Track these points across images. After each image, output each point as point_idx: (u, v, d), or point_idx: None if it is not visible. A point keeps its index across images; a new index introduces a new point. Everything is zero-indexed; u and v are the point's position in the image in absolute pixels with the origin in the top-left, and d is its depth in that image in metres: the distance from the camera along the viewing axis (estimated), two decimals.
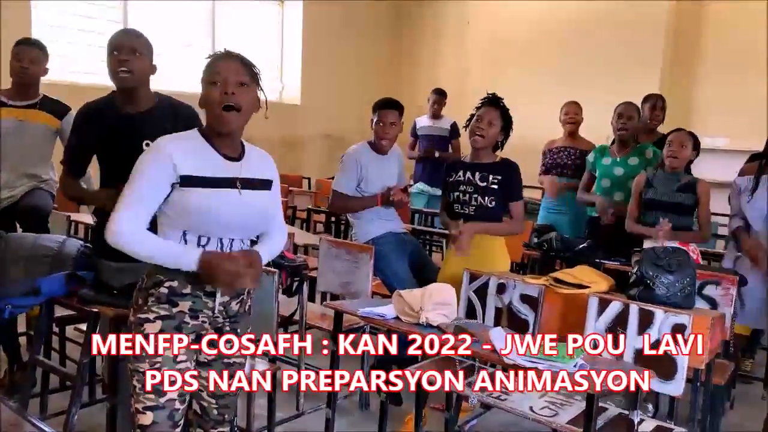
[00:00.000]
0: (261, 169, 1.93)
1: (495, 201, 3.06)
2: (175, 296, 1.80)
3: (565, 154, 4.70)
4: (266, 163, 1.97)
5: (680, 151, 3.47)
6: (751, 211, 3.13)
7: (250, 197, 1.85)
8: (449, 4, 9.26)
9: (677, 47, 7.65)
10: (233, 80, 1.78)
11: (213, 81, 1.78)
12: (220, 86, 1.77)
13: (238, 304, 1.93)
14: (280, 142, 8.37)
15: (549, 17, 8.25)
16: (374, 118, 3.55)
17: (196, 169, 1.78)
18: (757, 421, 3.37)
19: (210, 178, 1.79)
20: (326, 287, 3.64)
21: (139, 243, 1.75)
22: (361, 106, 8.98)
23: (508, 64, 8.48)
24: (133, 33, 2.48)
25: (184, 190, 1.76)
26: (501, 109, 3.12)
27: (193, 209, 1.76)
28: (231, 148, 1.86)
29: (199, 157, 1.80)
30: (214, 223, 1.79)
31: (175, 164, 1.75)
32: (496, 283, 2.77)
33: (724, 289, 2.91)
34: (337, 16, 8.91)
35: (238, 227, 1.85)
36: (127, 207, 1.75)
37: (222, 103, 1.77)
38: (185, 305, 1.81)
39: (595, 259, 3.56)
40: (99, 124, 2.48)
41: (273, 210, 1.97)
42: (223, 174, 1.82)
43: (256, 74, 1.86)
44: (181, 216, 1.77)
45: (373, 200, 3.52)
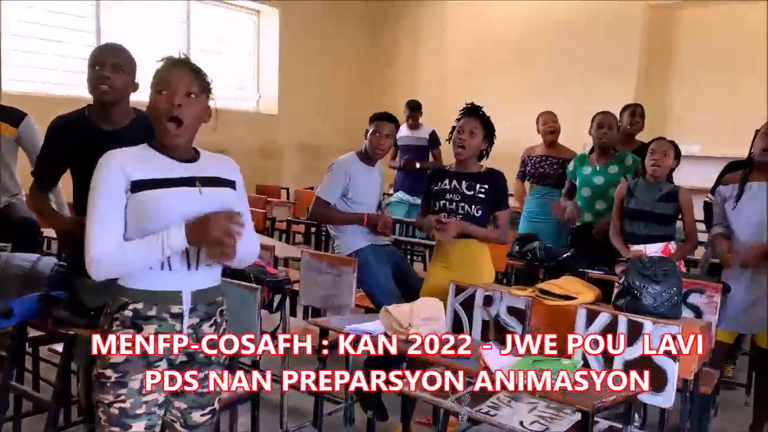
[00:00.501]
0: (221, 170, 1.85)
1: (481, 210, 3.04)
2: (139, 319, 1.70)
3: (546, 164, 4.72)
4: (227, 166, 1.89)
5: (663, 160, 3.48)
6: (736, 219, 3.14)
7: (213, 194, 1.77)
8: (426, 11, 9.29)
9: (651, 55, 7.76)
10: (181, 91, 1.70)
11: (160, 89, 1.71)
12: (167, 95, 1.69)
13: (212, 326, 1.82)
14: (258, 152, 8.30)
15: (525, 25, 8.32)
16: (371, 128, 3.56)
17: (149, 172, 1.70)
18: (742, 426, 3.39)
19: (165, 178, 1.71)
20: (308, 301, 3.58)
21: (121, 256, 1.66)
22: (340, 116, 9.05)
23: (485, 71, 8.53)
24: (116, 48, 2.43)
25: (139, 195, 1.68)
26: (481, 118, 3.11)
27: (151, 212, 1.67)
28: (186, 153, 1.79)
29: (151, 162, 1.73)
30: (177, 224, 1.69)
31: (125, 171, 1.68)
32: (482, 295, 2.74)
33: (708, 297, 2.91)
34: (313, 26, 8.88)
35: None
36: (93, 233, 1.66)
37: (168, 113, 1.69)
38: (150, 329, 1.71)
39: (579, 269, 3.55)
40: (73, 138, 2.41)
41: (241, 209, 1.83)
42: (180, 174, 1.74)
43: (207, 84, 1.78)
44: (141, 223, 1.68)
45: (358, 219, 3.48)
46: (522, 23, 8.34)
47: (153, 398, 1.72)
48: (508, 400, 2.39)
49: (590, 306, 2.55)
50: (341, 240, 3.56)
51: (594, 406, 1.86)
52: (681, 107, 7.52)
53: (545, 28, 8.14)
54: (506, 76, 8.30)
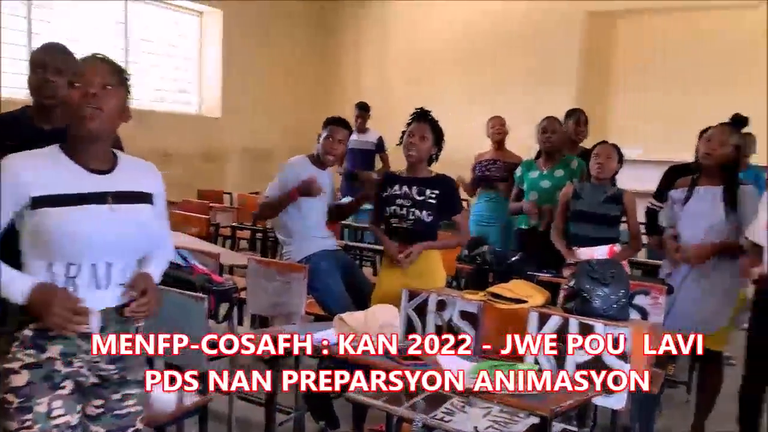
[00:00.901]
0: (139, 181, 1.71)
1: (432, 215, 3.03)
2: (41, 339, 1.56)
3: (494, 168, 4.77)
4: (146, 175, 1.75)
5: (606, 163, 3.56)
6: (683, 221, 3.23)
7: (126, 213, 1.64)
8: (369, 13, 9.28)
9: (591, 61, 7.96)
10: (97, 81, 1.59)
11: (74, 83, 1.59)
12: (82, 87, 1.58)
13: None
14: (200, 156, 8.10)
15: (468, 30, 8.42)
16: (324, 133, 3.52)
17: (53, 187, 1.56)
18: (684, 422, 3.48)
19: (71, 195, 1.57)
20: (256, 309, 3.49)
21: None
22: (286, 119, 8.93)
23: (430, 75, 8.59)
24: (59, 50, 2.30)
25: (39, 213, 1.54)
26: (430, 122, 3.12)
27: (54, 233, 1.53)
28: (98, 159, 1.65)
29: (57, 174, 1.58)
30: (83, 246, 1.57)
31: (24, 183, 1.54)
32: (435, 300, 2.72)
33: (653, 298, 2.97)
34: (257, 27, 8.74)
35: (116, 249, 1.63)
36: None
37: (81, 105, 1.56)
38: (55, 350, 1.57)
39: (527, 272, 3.57)
40: (11, 138, 2.27)
41: (158, 227, 1.75)
42: (89, 189, 1.60)
43: (125, 79, 1.67)
44: (43, 243, 1.54)
45: (289, 195, 3.38)
46: (465, 28, 8.43)
47: (65, 421, 1.58)
48: (462, 405, 2.37)
49: (542, 309, 2.56)
50: (291, 246, 3.49)
51: (553, 410, 1.86)
52: (621, 113, 7.74)
53: (489, 35, 8.25)
54: (450, 84, 8.37)
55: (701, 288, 3.16)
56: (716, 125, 3.22)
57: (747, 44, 6.86)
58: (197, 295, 2.56)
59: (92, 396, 1.66)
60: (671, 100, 7.21)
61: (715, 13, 7.22)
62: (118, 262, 1.64)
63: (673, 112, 7.08)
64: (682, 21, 7.37)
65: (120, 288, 1.66)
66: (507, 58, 8.10)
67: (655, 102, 7.40)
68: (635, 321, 2.71)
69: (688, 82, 7.11)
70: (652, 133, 7.29)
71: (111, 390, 1.68)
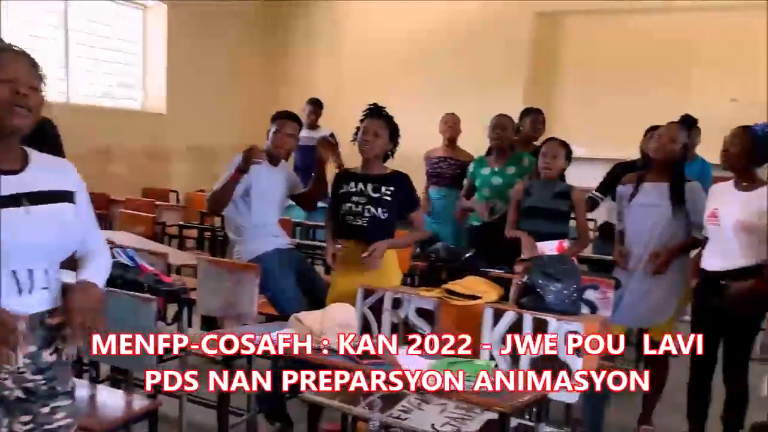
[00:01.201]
0: (56, 179, 1.61)
1: (388, 212, 3.01)
2: None
3: (445, 165, 4.79)
4: (62, 172, 1.65)
5: (553, 161, 3.61)
6: (629, 217, 3.32)
7: (44, 213, 1.54)
8: (318, 10, 9.21)
9: (538, 61, 8.09)
10: (25, 81, 1.52)
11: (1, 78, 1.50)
12: (11, 85, 1.49)
13: (53, 353, 1.60)
14: (144, 154, 7.87)
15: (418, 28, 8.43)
16: (273, 128, 3.47)
17: None
18: (632, 413, 3.57)
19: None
20: (206, 310, 3.42)
21: None
22: (234, 116, 8.76)
23: (381, 71, 8.57)
24: None
25: None
26: (385, 118, 3.10)
27: None
28: (8, 159, 1.54)
29: None
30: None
31: None
32: (391, 298, 2.70)
33: (602, 293, 3.03)
34: (204, 21, 8.54)
35: (36, 254, 1.54)
36: None
37: (13, 103, 1.49)
38: None
39: (480, 268, 3.60)
40: None
41: (84, 225, 1.66)
42: (1, 191, 1.49)
43: (41, 76, 1.59)
44: None
45: (234, 175, 3.25)
46: (415, 27, 8.45)
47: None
48: (418, 402, 2.37)
49: (496, 305, 2.58)
50: (242, 245, 3.42)
51: (512, 406, 1.87)
52: (567, 112, 7.89)
53: (438, 34, 8.29)
54: (399, 84, 8.34)
55: (648, 281, 3.25)
56: (667, 123, 3.32)
57: (688, 45, 7.14)
58: (146, 296, 2.48)
59: (18, 411, 1.54)
60: (616, 100, 7.39)
61: (657, 16, 7.45)
62: (40, 266, 1.55)
63: (618, 111, 7.26)
64: (627, 23, 7.58)
65: (45, 291, 1.57)
66: (456, 57, 8.16)
67: (600, 101, 7.58)
68: (586, 315, 2.75)
69: (632, 82, 7.31)
70: (597, 132, 7.46)
71: (39, 404, 1.57)
